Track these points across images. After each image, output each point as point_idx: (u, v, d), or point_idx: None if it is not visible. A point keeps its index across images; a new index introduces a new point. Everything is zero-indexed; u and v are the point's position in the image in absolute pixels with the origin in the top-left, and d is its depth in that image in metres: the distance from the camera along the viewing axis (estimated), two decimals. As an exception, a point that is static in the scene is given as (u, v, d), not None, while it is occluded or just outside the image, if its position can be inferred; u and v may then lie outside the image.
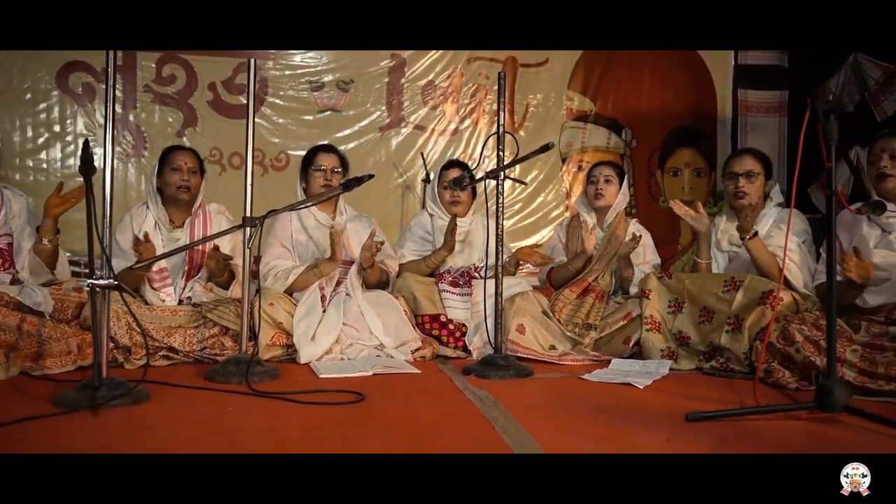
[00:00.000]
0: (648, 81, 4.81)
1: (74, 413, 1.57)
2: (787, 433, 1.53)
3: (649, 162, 4.84)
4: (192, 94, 4.24)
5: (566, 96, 4.71)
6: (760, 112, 4.98)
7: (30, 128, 4.05)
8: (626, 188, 2.73)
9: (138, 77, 4.18)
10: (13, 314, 1.95)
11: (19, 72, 4.03)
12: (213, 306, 2.23)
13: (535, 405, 1.78)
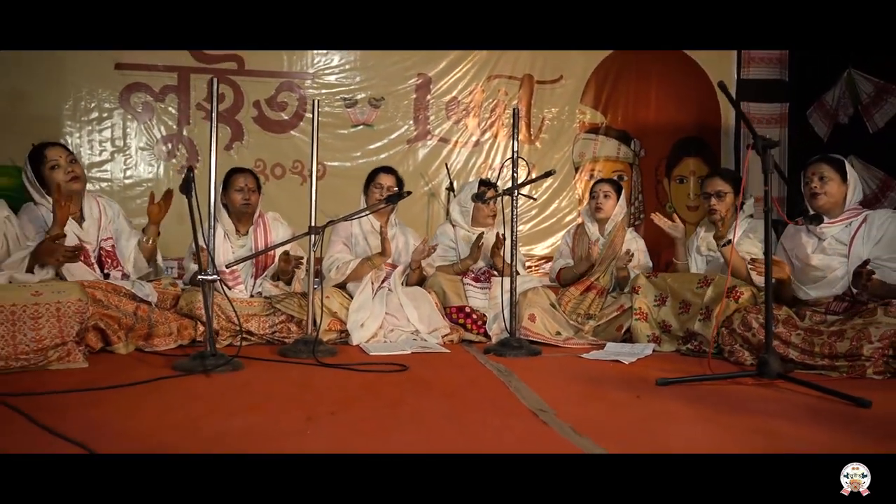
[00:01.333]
0: (655, 96, 5.33)
1: (191, 375, 2.16)
2: (732, 393, 2.06)
3: (657, 170, 5.35)
4: (238, 111, 4.84)
5: (579, 110, 5.24)
6: (762, 123, 5.46)
7: (96, 143, 4.67)
8: (622, 201, 3.28)
9: (191, 96, 4.78)
10: (130, 302, 2.55)
11: (87, 94, 4.65)
12: (281, 298, 2.82)
13: (541, 374, 2.33)
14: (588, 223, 3.33)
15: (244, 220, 3.07)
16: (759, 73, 5.44)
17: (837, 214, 2.64)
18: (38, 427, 1.55)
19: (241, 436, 1.54)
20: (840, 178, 2.63)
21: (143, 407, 1.78)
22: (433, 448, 1.47)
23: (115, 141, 4.70)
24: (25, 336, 2.12)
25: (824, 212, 2.62)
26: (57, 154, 2.67)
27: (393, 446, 1.50)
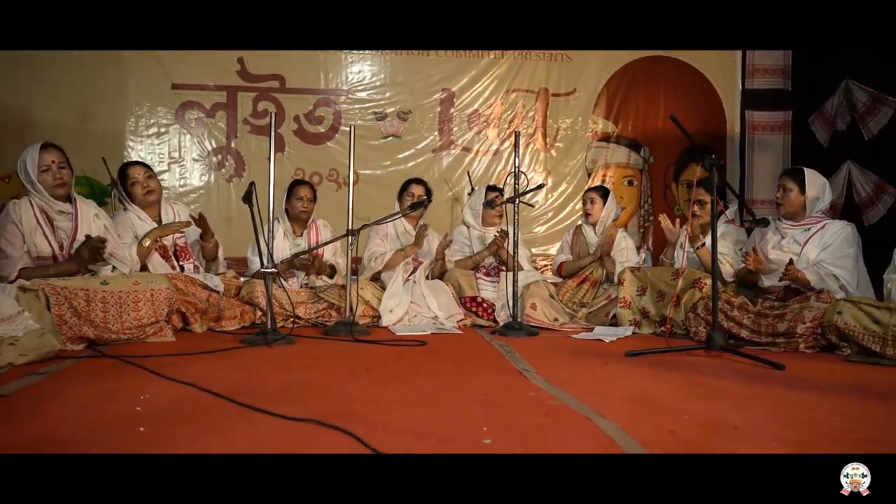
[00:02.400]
0: (664, 106, 5.89)
1: (256, 347, 2.84)
2: (684, 362, 2.67)
3: (665, 176, 5.92)
4: (280, 125, 5.55)
5: (591, 120, 5.84)
6: (766, 131, 5.99)
7: (155, 156, 5.42)
8: (609, 204, 3.89)
9: (238, 112, 5.51)
10: (204, 291, 3.26)
11: (147, 111, 5.41)
12: (323, 289, 3.52)
13: (534, 349, 2.96)
14: (585, 225, 3.97)
15: (301, 224, 3.79)
16: (764, 83, 5.97)
17: (801, 219, 3.22)
18: (156, 375, 2.24)
19: (300, 386, 2.20)
20: (799, 189, 3.20)
21: (225, 366, 2.46)
22: (442, 393, 2.12)
23: (172, 153, 5.45)
24: (129, 316, 2.83)
25: (788, 217, 3.20)
26: (136, 172, 3.41)
27: (412, 392, 2.14)
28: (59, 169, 2.96)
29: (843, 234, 3.09)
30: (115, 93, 5.33)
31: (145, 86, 5.36)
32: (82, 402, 1.91)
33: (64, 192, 3.01)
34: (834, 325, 2.75)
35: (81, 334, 2.71)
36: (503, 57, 5.72)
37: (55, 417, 1.75)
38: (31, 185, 2.96)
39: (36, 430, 1.64)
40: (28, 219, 2.88)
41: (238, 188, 5.48)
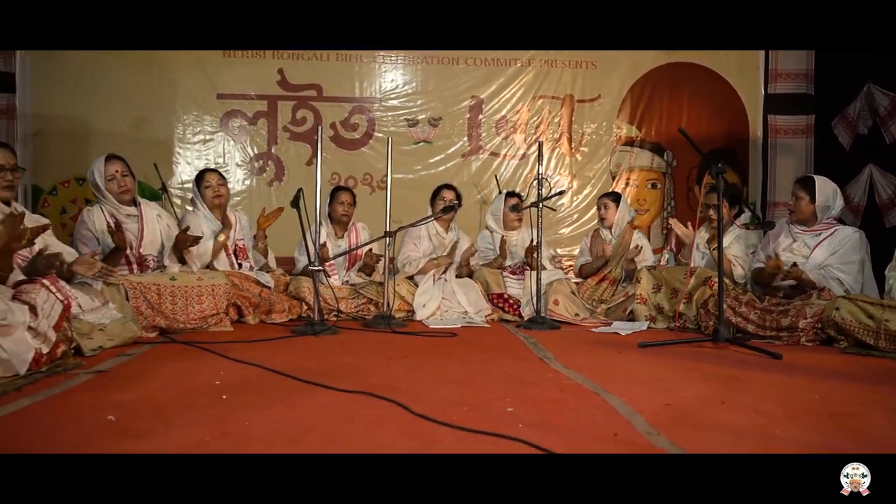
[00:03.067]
0: (687, 111, 6.18)
1: (305, 336, 3.23)
2: (691, 352, 2.99)
3: (688, 179, 6.20)
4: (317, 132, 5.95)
5: (615, 125, 6.15)
6: (789, 134, 6.23)
7: (201, 161, 5.86)
8: (622, 207, 4.22)
9: (278, 120, 5.93)
10: (256, 287, 3.68)
11: (193, 120, 5.86)
12: (363, 286, 3.91)
13: (555, 340, 3.31)
14: (602, 229, 4.30)
15: (342, 226, 4.19)
16: (786, 87, 6.21)
17: (811, 225, 3.51)
18: (224, 357, 2.64)
19: (347, 367, 2.58)
20: (810, 197, 3.49)
21: (280, 352, 2.85)
22: (472, 374, 2.48)
23: (217, 159, 5.89)
24: (194, 308, 3.25)
25: (800, 223, 3.50)
26: (211, 177, 3.86)
27: (445, 373, 2.51)
28: (122, 177, 3.40)
29: (851, 241, 3.37)
30: (165, 103, 5.78)
31: (192, 96, 5.81)
32: (170, 377, 2.32)
33: (129, 197, 3.44)
34: (832, 320, 3.05)
35: (155, 323, 3.14)
36: (530, 65, 6.06)
37: (153, 388, 2.15)
38: (99, 192, 3.40)
39: (141, 395, 2.05)
40: (100, 223, 3.32)
41: (278, 192, 5.90)
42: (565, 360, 2.72)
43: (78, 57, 5.61)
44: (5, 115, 5.59)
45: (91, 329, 2.69)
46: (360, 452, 1.54)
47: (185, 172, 5.81)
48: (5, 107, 5.59)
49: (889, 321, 2.85)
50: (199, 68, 5.78)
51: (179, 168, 5.82)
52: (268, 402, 1.99)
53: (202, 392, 2.11)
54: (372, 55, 5.96)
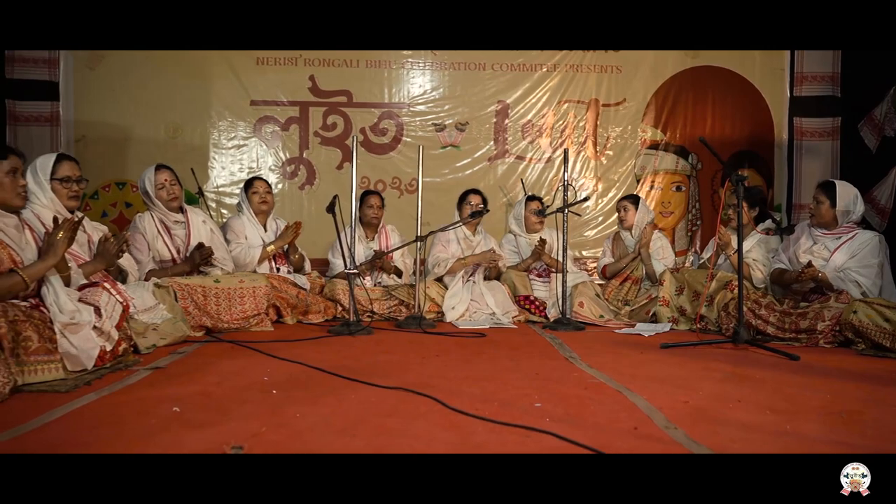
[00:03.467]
0: (711, 114, 6.29)
1: (341, 336, 3.44)
2: (711, 353, 3.13)
3: (713, 181, 6.31)
4: (347, 137, 6.16)
5: (640, 129, 6.28)
6: (815, 137, 6.31)
7: (235, 166, 6.11)
8: (641, 208, 4.37)
9: (310, 126, 6.16)
10: (294, 289, 3.89)
11: (228, 126, 6.10)
12: (395, 287, 4.10)
13: (580, 340, 3.47)
14: (622, 231, 4.46)
15: (372, 229, 4.39)
16: (812, 90, 6.28)
17: (832, 228, 3.63)
18: (268, 356, 2.84)
19: (384, 365, 2.77)
20: (830, 202, 3.61)
21: (320, 351, 3.05)
22: (501, 372, 2.65)
23: (250, 164, 6.13)
24: (236, 308, 3.47)
25: (820, 226, 3.62)
26: (260, 185, 4.13)
27: (476, 371, 2.68)
28: (171, 186, 3.63)
29: (871, 245, 3.49)
30: (201, 110, 6.03)
31: (227, 103, 6.06)
32: (222, 373, 2.53)
33: (177, 204, 3.67)
34: (850, 323, 3.17)
35: (201, 323, 3.36)
36: (555, 70, 6.21)
37: (208, 383, 2.36)
38: (150, 200, 3.64)
39: (197, 389, 2.25)
40: (150, 229, 3.55)
41: (309, 195, 6.13)
42: (590, 360, 2.89)
43: (118, 66, 5.88)
44: (50, 121, 5.88)
45: (145, 328, 2.91)
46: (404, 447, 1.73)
47: (221, 177, 6.05)
48: (50, 114, 5.88)
49: (905, 323, 2.98)
50: (233, 76, 6.02)
51: (214, 172, 6.06)
52: (315, 397, 2.19)
53: (253, 387, 2.31)
54: (400, 62, 6.16)
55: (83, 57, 5.89)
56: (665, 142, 6.29)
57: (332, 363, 2.70)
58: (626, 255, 4.38)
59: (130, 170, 5.94)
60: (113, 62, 5.89)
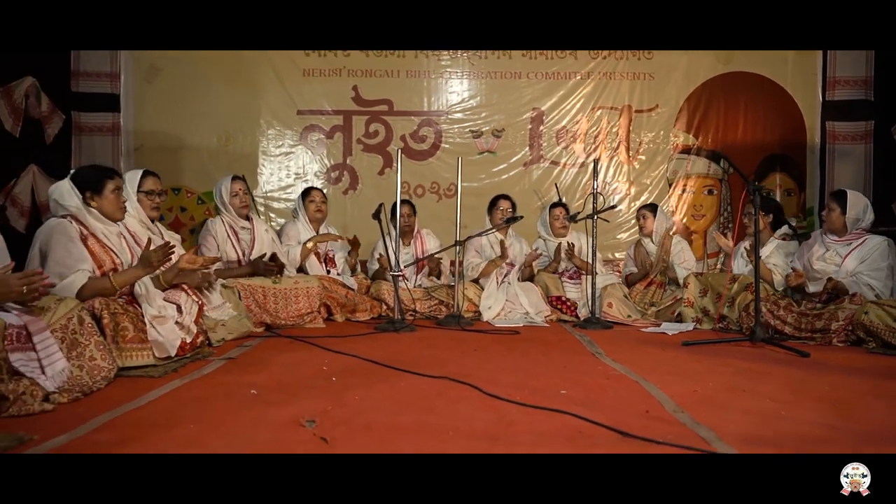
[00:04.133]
0: (743, 119, 6.53)
1: (387, 332, 3.83)
2: (729, 350, 3.44)
3: (745, 184, 6.54)
4: (388, 144, 6.56)
5: (672, 134, 6.55)
6: (847, 140, 6.50)
7: (283, 173, 6.56)
8: (660, 216, 4.69)
9: (353, 133, 6.57)
10: (343, 289, 4.31)
11: (276, 134, 6.54)
12: (434, 289, 4.49)
13: (607, 339, 3.80)
14: (643, 238, 4.78)
15: (407, 234, 4.77)
16: (844, 94, 6.48)
17: (843, 234, 3.90)
18: (324, 349, 3.24)
19: (428, 359, 3.14)
20: (841, 210, 3.88)
21: (369, 345, 3.44)
22: (533, 365, 3.01)
23: (297, 170, 6.57)
24: (292, 307, 3.89)
25: (832, 233, 3.90)
26: (316, 195, 4.58)
27: (510, 363, 3.04)
28: (243, 195, 4.08)
29: (880, 250, 3.75)
30: (250, 119, 6.49)
31: (275, 112, 6.50)
32: (286, 364, 2.94)
33: (246, 212, 4.14)
34: (861, 323, 3.44)
35: (261, 320, 3.79)
36: (589, 77, 6.52)
37: (275, 371, 2.77)
38: (223, 206, 4.10)
39: (267, 377, 2.66)
40: (221, 232, 4.00)
41: (352, 200, 6.54)
42: (614, 355, 3.23)
43: (173, 79, 6.37)
44: (111, 131, 6.40)
45: (215, 324, 3.34)
46: (448, 424, 2.10)
47: (269, 183, 6.51)
48: (111, 124, 6.39)
49: (912, 323, 3.25)
50: (280, 87, 6.47)
51: (263, 178, 6.51)
52: (369, 383, 2.58)
53: (315, 375, 2.71)
54: (439, 71, 6.53)
55: (142, 71, 6.40)
56: (697, 146, 6.56)
57: (381, 356, 3.09)
58: (646, 260, 4.70)
59: (185, 176, 6.43)
60: (169, 75, 6.38)
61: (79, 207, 2.80)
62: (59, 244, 2.69)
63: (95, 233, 2.81)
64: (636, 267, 4.84)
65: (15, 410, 2.09)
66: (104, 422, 2.04)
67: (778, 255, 4.16)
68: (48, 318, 2.35)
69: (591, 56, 6.52)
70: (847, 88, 6.48)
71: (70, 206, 2.79)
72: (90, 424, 2.01)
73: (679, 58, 6.51)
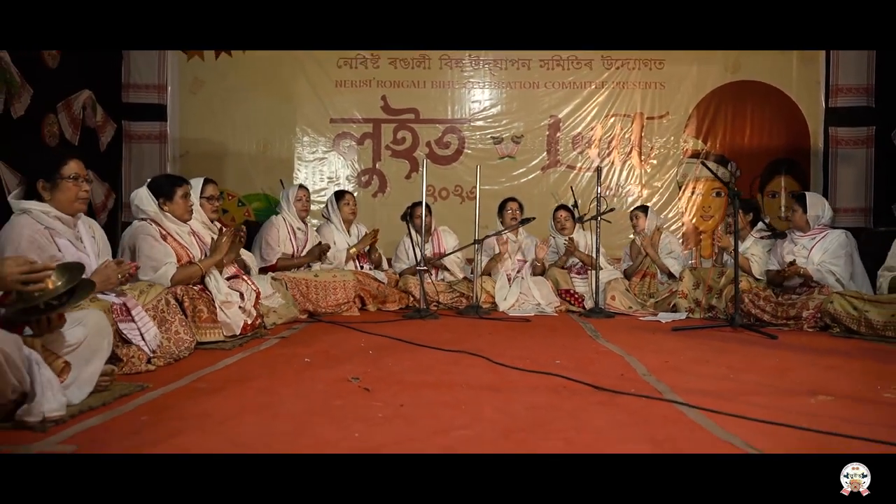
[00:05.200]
0: (750, 125, 7.11)
1: (413, 320, 4.52)
2: (712, 334, 4.06)
3: (751, 187, 7.12)
4: (415, 150, 7.24)
5: (682, 139, 7.15)
6: (849, 145, 7.04)
7: (317, 177, 7.28)
8: (651, 216, 5.39)
9: (382, 140, 7.27)
10: (374, 282, 5.03)
11: (310, 141, 7.27)
12: (456, 282, 5.17)
13: (607, 326, 4.45)
14: (636, 237, 5.44)
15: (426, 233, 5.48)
16: (847, 101, 7.02)
17: (807, 231, 4.52)
18: (360, 331, 3.94)
19: (448, 339, 3.80)
20: (802, 210, 4.50)
21: (399, 329, 4.12)
22: (537, 345, 3.67)
23: (329, 175, 7.28)
24: (330, 297, 4.60)
25: (798, 230, 4.52)
26: (349, 198, 5.27)
27: (518, 344, 3.70)
28: (306, 202, 4.88)
29: (839, 241, 4.40)
30: (287, 127, 7.22)
31: (309, 121, 7.23)
32: (331, 342, 3.64)
33: (305, 215, 4.91)
34: (828, 311, 4.05)
35: (305, 308, 4.51)
36: (603, 87, 7.15)
37: (322, 347, 3.47)
38: (287, 207, 4.93)
39: (316, 350, 3.36)
40: (283, 230, 4.82)
41: (381, 202, 7.23)
42: (608, 337, 3.88)
43: (215, 91, 7.11)
44: (158, 139, 7.16)
45: (267, 311, 4.05)
46: (461, 381, 2.77)
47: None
48: (158, 133, 7.15)
49: (868, 312, 3.85)
50: (315, 97, 7.19)
51: (298, 182, 7.23)
52: (399, 355, 3.27)
53: (355, 350, 3.41)
54: (462, 82, 7.20)
55: (186, 83, 7.15)
56: (706, 151, 7.15)
57: (408, 336, 3.78)
58: (640, 254, 5.38)
59: (227, 180, 7.17)
60: (211, 87, 7.13)
61: (156, 212, 3.52)
62: (146, 243, 3.41)
63: (171, 232, 3.53)
64: (631, 261, 5.49)
65: (127, 369, 2.80)
66: (196, 378, 2.75)
67: (756, 247, 4.77)
68: (142, 299, 3.06)
69: (605, 66, 7.14)
70: (849, 96, 7.01)
71: (149, 210, 3.51)
72: (186, 379, 2.72)
73: (689, 67, 7.10)
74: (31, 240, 2.62)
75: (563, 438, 1.99)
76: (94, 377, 2.35)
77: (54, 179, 2.75)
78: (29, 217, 2.67)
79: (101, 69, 6.56)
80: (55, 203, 2.75)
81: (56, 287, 2.09)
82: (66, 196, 2.76)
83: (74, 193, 2.78)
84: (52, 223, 2.71)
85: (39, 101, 5.33)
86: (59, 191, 2.75)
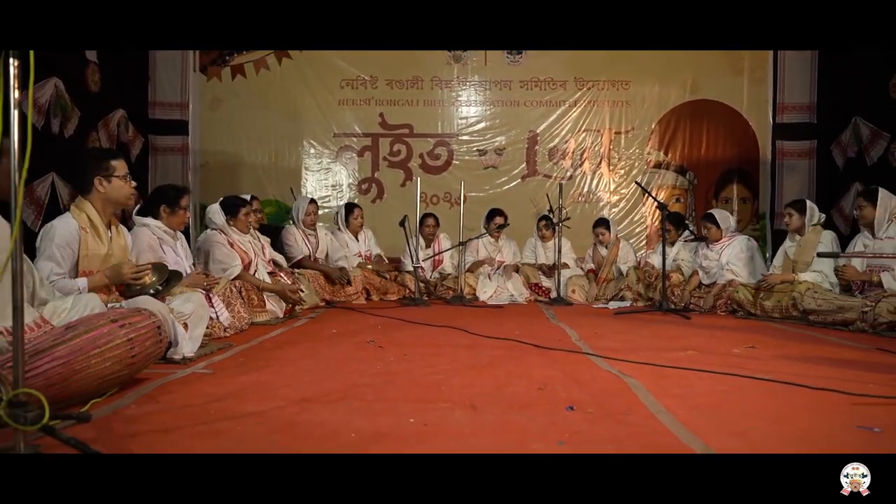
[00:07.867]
0: (706, 138, 8.61)
1: (409, 307, 6.01)
2: (644, 317, 5.55)
3: (707, 194, 8.62)
4: (409, 161, 8.71)
5: (646, 151, 8.64)
6: (794, 157, 8.54)
7: (322, 185, 8.74)
8: (612, 228, 6.90)
9: (379, 152, 8.73)
10: (377, 277, 6.56)
11: (315, 154, 8.72)
12: (445, 278, 6.67)
13: (565, 312, 5.95)
14: (598, 245, 6.95)
15: (429, 239, 6.97)
16: (792, 117, 8.51)
17: (719, 238, 6.01)
18: (371, 314, 5.43)
19: (438, 319, 5.25)
20: (716, 226, 6.01)
21: (398, 313, 5.59)
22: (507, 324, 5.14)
23: (334, 183, 8.75)
24: (345, 289, 6.08)
25: (713, 240, 6.02)
26: (358, 212, 6.73)
27: (493, 323, 5.17)
28: (314, 215, 6.33)
29: (741, 245, 5.95)
30: (295, 141, 8.69)
31: (315, 135, 8.70)
32: (348, 321, 5.13)
33: (314, 225, 6.32)
34: (735, 299, 5.56)
35: (323, 297, 5.99)
36: (577, 105, 8.64)
37: (343, 324, 4.96)
38: (298, 219, 6.32)
39: (338, 326, 4.84)
40: (299, 236, 6.24)
41: (379, 207, 8.68)
42: (563, 320, 5.37)
43: (232, 108, 8.57)
44: (181, 151, 8.60)
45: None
46: (446, 344, 4.26)
47: (311, 194, 8.70)
48: (180, 145, 8.59)
49: (762, 298, 5.36)
50: (319, 114, 8.66)
51: (306, 190, 8.69)
52: (400, 329, 4.76)
53: (369, 327, 4.89)
54: (451, 100, 8.68)
55: (206, 101, 8.60)
56: (667, 162, 8.64)
57: (407, 318, 5.25)
58: (601, 261, 6.89)
59: (243, 189, 8.55)
60: (229, 105, 8.58)
61: (224, 224, 5.00)
62: (218, 249, 4.88)
63: (234, 241, 5.00)
64: (594, 263, 7.02)
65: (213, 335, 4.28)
66: (261, 340, 4.23)
67: (684, 251, 6.32)
68: (217, 289, 4.53)
69: (577, 87, 8.63)
70: (794, 113, 8.50)
71: (218, 223, 4.99)
72: (255, 341, 4.19)
73: (651, 88, 8.60)
74: (149, 245, 4.10)
75: (507, 371, 3.46)
76: (201, 336, 3.82)
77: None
78: (147, 229, 4.14)
79: (132, 90, 7.98)
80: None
81: (152, 281, 3.57)
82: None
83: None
84: (162, 235, 4.18)
85: (85, 122, 6.68)
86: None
